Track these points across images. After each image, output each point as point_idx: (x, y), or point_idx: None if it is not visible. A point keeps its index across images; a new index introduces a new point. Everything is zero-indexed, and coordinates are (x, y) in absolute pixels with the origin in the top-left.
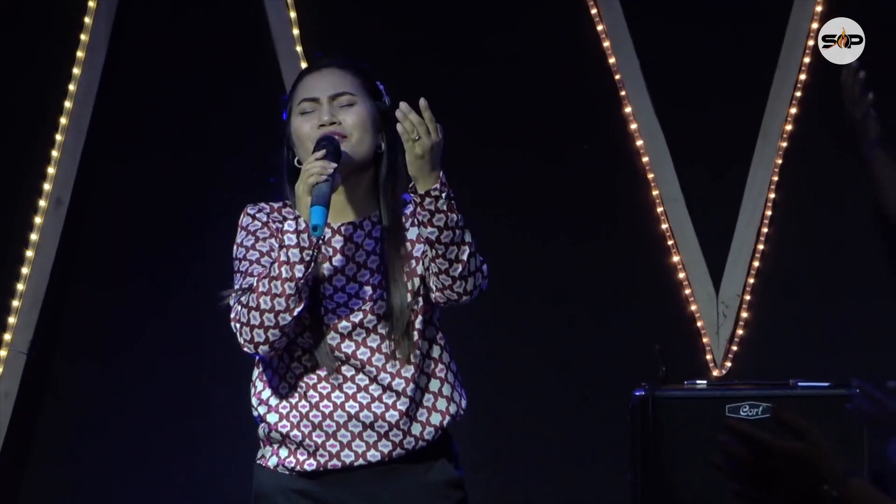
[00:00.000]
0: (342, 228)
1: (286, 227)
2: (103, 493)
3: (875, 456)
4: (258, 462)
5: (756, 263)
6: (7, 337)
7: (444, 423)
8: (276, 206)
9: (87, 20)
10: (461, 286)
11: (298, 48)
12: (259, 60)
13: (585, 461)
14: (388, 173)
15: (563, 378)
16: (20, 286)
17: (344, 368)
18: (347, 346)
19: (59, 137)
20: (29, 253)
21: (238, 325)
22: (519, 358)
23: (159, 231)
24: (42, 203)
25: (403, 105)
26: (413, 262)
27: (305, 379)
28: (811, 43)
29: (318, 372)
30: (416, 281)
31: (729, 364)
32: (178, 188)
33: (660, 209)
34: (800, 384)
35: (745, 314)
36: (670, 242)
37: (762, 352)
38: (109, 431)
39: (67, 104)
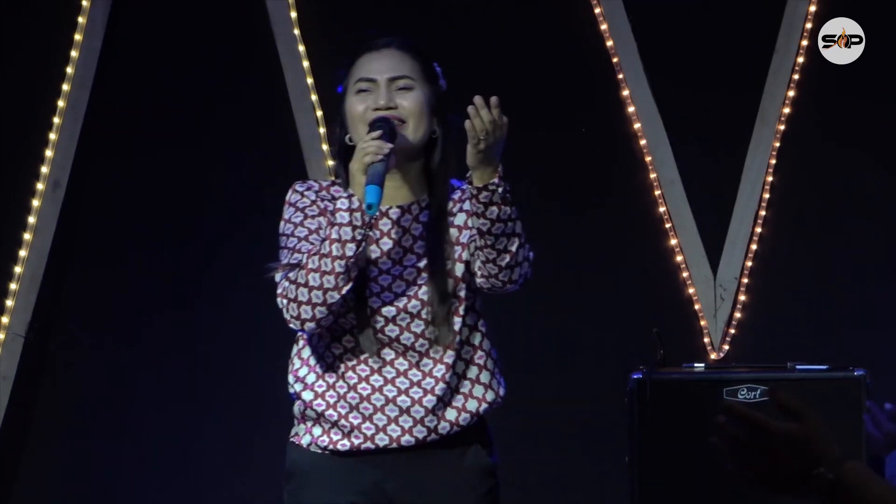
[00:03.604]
0: (391, 212)
1: (339, 205)
2: (103, 476)
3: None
4: (291, 440)
5: (754, 247)
6: (5, 320)
7: (480, 409)
8: (324, 184)
9: (84, 3)
10: (507, 275)
11: (296, 31)
12: (256, 43)
13: (583, 444)
14: (441, 159)
15: (561, 360)
16: (18, 269)
17: (384, 351)
18: (391, 330)
19: (56, 120)
20: (27, 236)
21: (285, 301)
22: (516, 341)
23: (157, 214)
24: (40, 186)
25: (478, 100)
26: (459, 248)
27: (345, 360)
28: (809, 26)
29: (359, 354)
30: (461, 267)
31: (727, 347)
32: (175, 171)
33: (657, 192)
34: (798, 367)
35: (742, 297)
36: (668, 225)
37: (760, 335)
38: (108, 414)
39: (65, 87)
